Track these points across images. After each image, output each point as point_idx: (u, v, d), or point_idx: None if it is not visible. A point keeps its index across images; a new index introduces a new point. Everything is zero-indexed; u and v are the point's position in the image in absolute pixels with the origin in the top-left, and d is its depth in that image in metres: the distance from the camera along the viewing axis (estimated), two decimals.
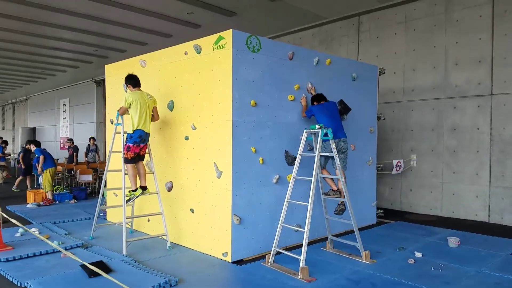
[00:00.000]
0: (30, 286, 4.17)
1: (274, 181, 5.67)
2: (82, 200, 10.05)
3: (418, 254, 5.48)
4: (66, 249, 5.42)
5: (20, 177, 11.48)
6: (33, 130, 26.38)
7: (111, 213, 7.52)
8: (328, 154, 5.36)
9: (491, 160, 7.88)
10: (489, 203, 7.90)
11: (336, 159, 5.24)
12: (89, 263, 4.56)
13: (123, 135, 5.80)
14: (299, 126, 6.06)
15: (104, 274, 4.09)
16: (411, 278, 4.62)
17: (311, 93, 6.16)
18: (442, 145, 8.53)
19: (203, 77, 5.54)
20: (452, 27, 8.39)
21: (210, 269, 4.93)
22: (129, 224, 6.73)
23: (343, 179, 5.29)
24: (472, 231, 7.00)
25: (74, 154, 13.63)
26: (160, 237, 6.00)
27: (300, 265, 4.60)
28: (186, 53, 5.81)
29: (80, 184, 11.08)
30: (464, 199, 8.20)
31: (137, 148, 5.61)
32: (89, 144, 14.39)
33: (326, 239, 6.02)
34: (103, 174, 12.93)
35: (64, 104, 22.75)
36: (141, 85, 6.33)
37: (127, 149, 5.58)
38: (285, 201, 5.20)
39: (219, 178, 5.32)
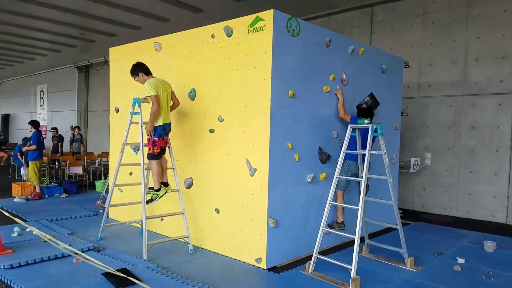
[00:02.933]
0: None
1: (309, 180, 5.19)
2: (74, 194, 9.28)
3: (461, 260, 5.14)
4: (76, 253, 4.79)
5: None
6: (7, 118, 24.91)
7: (115, 211, 6.85)
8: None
9: (511, 160, 7.67)
10: (508, 204, 7.69)
11: (385, 157, 4.82)
12: (113, 271, 3.99)
13: (142, 126, 5.17)
14: (333, 121, 5.60)
15: (141, 284, 3.56)
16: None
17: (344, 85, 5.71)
18: (459, 144, 8.27)
19: (234, 63, 4.98)
20: (473, 22, 8.09)
21: (247, 278, 4.41)
22: (139, 224, 6.11)
23: (390, 180, 4.85)
24: (493, 233, 6.77)
25: (59, 144, 12.70)
26: (182, 240, 5.41)
27: (352, 275, 4.15)
28: (213, 36, 5.22)
29: (69, 176, 10.26)
30: (481, 199, 7.97)
31: (162, 141, 5.01)
32: (73, 134, 13.49)
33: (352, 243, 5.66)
34: (90, 166, 12.19)
35: (42, 91, 21.48)
36: (156, 71, 5.72)
37: (153, 143, 4.96)
38: (327, 203, 4.73)
39: (252, 176, 4.79)
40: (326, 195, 5.51)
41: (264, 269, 4.64)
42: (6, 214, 4.82)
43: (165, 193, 5.15)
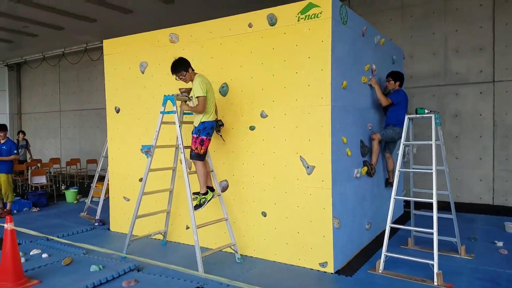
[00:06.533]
0: None
1: (358, 175, 5.02)
2: (44, 207, 8.13)
3: (500, 243, 5.34)
4: (120, 275, 4.13)
5: None
6: None
7: (119, 224, 6.10)
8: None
9: (494, 145, 8.20)
10: (493, 186, 8.23)
11: (443, 147, 4.82)
12: None
13: (180, 126, 4.58)
14: (368, 112, 5.49)
15: None
16: None
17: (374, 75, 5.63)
18: (444, 132, 8.65)
19: (279, 54, 4.61)
20: (451, 15, 8.49)
21: (324, 285, 4.11)
22: (162, 235, 5.48)
23: (447, 170, 4.86)
24: (483, 213, 7.35)
25: None
26: (229, 249, 4.92)
27: (435, 271, 4.07)
28: (250, 25, 4.79)
29: (32, 187, 8.99)
30: (468, 183, 8.44)
31: (209, 141, 4.51)
32: (18, 139, 11.97)
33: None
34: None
35: None
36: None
37: (201, 143, 4.44)
38: (392, 198, 4.60)
39: (309, 174, 4.48)
40: (367, 189, 5.43)
41: (332, 273, 4.37)
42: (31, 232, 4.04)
43: (212, 197, 4.65)
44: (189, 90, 4.73)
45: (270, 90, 4.70)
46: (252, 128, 4.86)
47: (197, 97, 4.39)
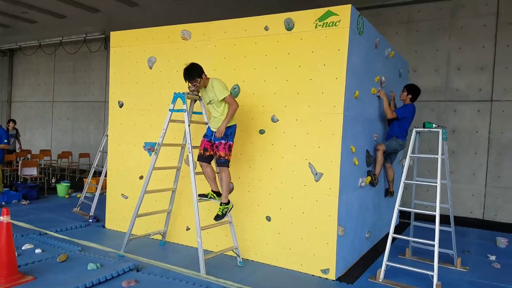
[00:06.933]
0: None
1: (363, 184, 5.04)
2: (34, 200, 7.94)
3: (492, 257, 5.42)
4: (119, 275, 4.04)
5: None
6: None
7: (115, 222, 5.99)
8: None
9: (488, 162, 8.34)
10: (485, 201, 8.36)
11: (447, 161, 4.86)
12: None
13: (189, 125, 4.52)
14: (375, 123, 5.52)
15: None
16: None
17: (382, 87, 5.67)
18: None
19: (295, 59, 4.60)
20: (456, 33, 8.62)
21: None
22: (161, 234, 5.40)
23: (449, 184, 4.90)
24: (473, 227, 7.54)
25: None
26: (230, 252, 4.87)
27: (435, 282, 4.11)
28: (266, 28, 4.77)
29: (23, 179, 8.78)
30: (460, 197, 8.54)
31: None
32: (7, 128, 11.68)
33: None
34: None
35: None
36: (182, 63, 5.10)
37: (229, 148, 4.38)
38: (395, 208, 4.63)
39: (317, 181, 4.47)
40: (369, 198, 5.46)
41: (333, 280, 4.37)
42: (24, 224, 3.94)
43: (232, 207, 4.60)
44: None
45: (283, 94, 4.69)
46: (261, 131, 4.83)
47: (223, 98, 4.29)
